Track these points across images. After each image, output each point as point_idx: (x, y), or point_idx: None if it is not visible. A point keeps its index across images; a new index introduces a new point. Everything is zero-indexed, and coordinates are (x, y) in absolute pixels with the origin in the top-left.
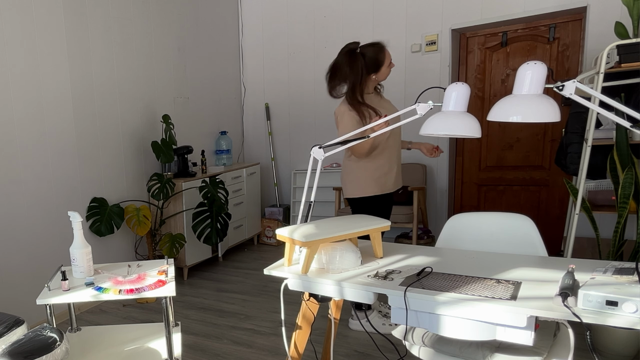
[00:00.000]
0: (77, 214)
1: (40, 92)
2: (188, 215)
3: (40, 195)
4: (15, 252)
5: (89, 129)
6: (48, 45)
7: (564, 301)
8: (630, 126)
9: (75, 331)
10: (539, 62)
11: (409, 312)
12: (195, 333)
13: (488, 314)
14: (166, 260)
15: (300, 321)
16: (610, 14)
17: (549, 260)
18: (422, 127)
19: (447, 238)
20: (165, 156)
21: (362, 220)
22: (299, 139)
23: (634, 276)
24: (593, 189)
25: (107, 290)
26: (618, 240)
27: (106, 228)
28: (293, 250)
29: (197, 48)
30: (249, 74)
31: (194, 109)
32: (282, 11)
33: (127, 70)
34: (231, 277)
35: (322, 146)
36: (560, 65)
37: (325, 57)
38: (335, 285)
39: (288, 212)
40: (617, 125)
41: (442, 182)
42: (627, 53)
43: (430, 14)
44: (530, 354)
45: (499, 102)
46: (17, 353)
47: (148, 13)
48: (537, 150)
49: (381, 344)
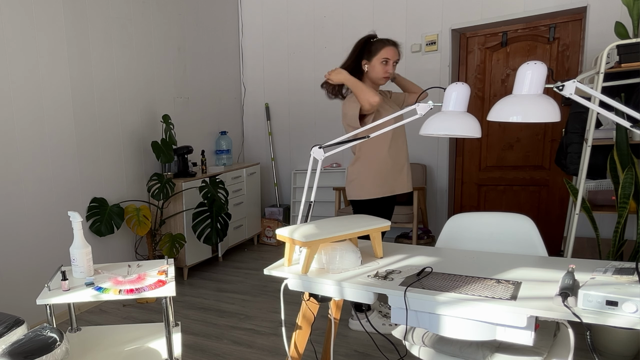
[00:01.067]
0: (77, 214)
1: (40, 92)
2: (188, 215)
3: (40, 196)
4: (15, 252)
5: (89, 129)
6: (48, 46)
7: (564, 301)
8: (630, 126)
9: (75, 331)
10: (539, 62)
11: (409, 312)
12: (195, 333)
13: (488, 314)
14: (166, 260)
15: (300, 321)
16: (610, 14)
17: (549, 260)
18: (422, 127)
19: (447, 238)
20: (165, 156)
21: (362, 220)
22: (299, 139)
23: (634, 276)
24: (593, 189)
25: (107, 290)
26: (618, 240)
27: (106, 228)
28: (293, 250)
29: (197, 48)
30: (249, 74)
31: (194, 109)
32: (282, 11)
33: (127, 70)
34: (231, 277)
35: (322, 146)
36: (560, 65)
37: (325, 57)
38: (335, 285)
39: (288, 212)
40: (617, 125)
41: (442, 182)
42: (627, 53)
43: (430, 14)
44: (530, 354)
45: (499, 102)
46: (17, 353)
47: (148, 13)
48: (537, 150)
49: (381, 344)
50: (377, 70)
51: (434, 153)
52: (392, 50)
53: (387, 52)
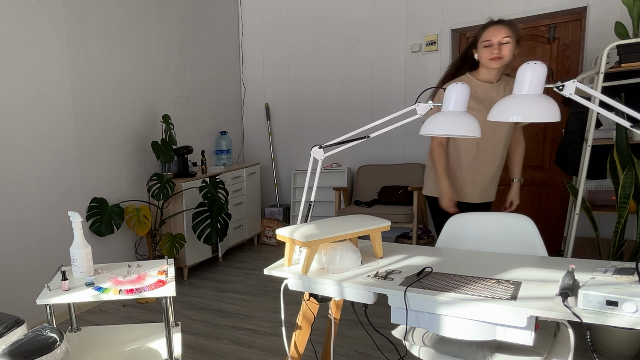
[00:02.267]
0: (77, 214)
1: (40, 92)
2: (188, 215)
3: (40, 195)
4: (15, 252)
5: (89, 129)
6: (48, 45)
7: (564, 301)
8: (630, 126)
9: (75, 331)
10: (539, 62)
11: (409, 312)
12: (195, 333)
13: (488, 314)
14: (166, 260)
15: (300, 321)
16: (610, 14)
17: (549, 260)
18: (422, 127)
19: (447, 238)
20: (165, 156)
21: (362, 220)
22: (299, 139)
23: (634, 276)
24: (593, 189)
25: (107, 290)
26: (618, 240)
27: (106, 228)
28: (293, 250)
29: (197, 48)
30: (249, 74)
31: (194, 109)
32: (282, 11)
33: (127, 70)
34: (231, 277)
35: (322, 146)
36: (560, 65)
37: (325, 57)
38: (336, 285)
39: (288, 212)
40: (617, 125)
41: None
42: (627, 53)
43: (430, 14)
44: (530, 354)
45: (499, 102)
46: (17, 353)
47: (148, 13)
48: (537, 150)
49: (381, 344)
50: (482, 56)
51: None
52: (493, 30)
53: (487, 33)
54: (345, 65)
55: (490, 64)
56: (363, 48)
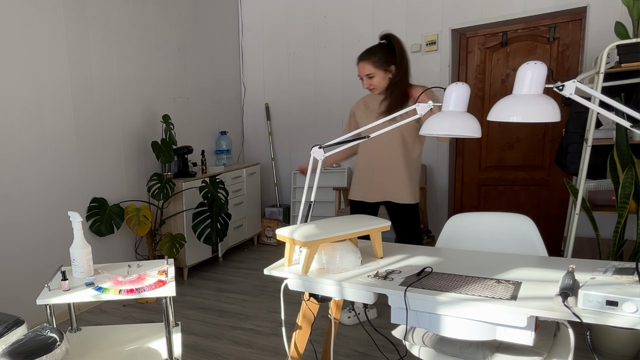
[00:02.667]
0: (77, 214)
1: (40, 92)
2: (188, 215)
3: (40, 195)
4: (15, 252)
5: (89, 129)
6: (48, 45)
7: (564, 301)
8: (630, 126)
9: (75, 331)
10: (539, 62)
11: (409, 312)
12: (195, 333)
13: (488, 314)
14: (166, 260)
15: (300, 321)
16: (610, 14)
17: (549, 260)
18: (422, 127)
19: (447, 238)
20: (165, 156)
21: (362, 220)
22: (299, 139)
23: (634, 276)
24: (593, 189)
25: (107, 290)
26: (618, 240)
27: (106, 228)
28: (293, 250)
29: (197, 48)
30: (249, 74)
31: (194, 109)
32: (282, 11)
33: (127, 70)
34: (231, 277)
35: (322, 146)
36: (560, 65)
37: (325, 57)
38: (336, 285)
39: (288, 212)
40: (617, 125)
41: (442, 182)
42: (627, 53)
43: (430, 14)
44: (530, 354)
45: (499, 102)
46: (17, 353)
47: (148, 13)
48: (537, 150)
49: (381, 344)
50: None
51: (434, 153)
52: (359, 67)
53: (358, 69)
54: (345, 65)
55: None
56: (363, 48)
